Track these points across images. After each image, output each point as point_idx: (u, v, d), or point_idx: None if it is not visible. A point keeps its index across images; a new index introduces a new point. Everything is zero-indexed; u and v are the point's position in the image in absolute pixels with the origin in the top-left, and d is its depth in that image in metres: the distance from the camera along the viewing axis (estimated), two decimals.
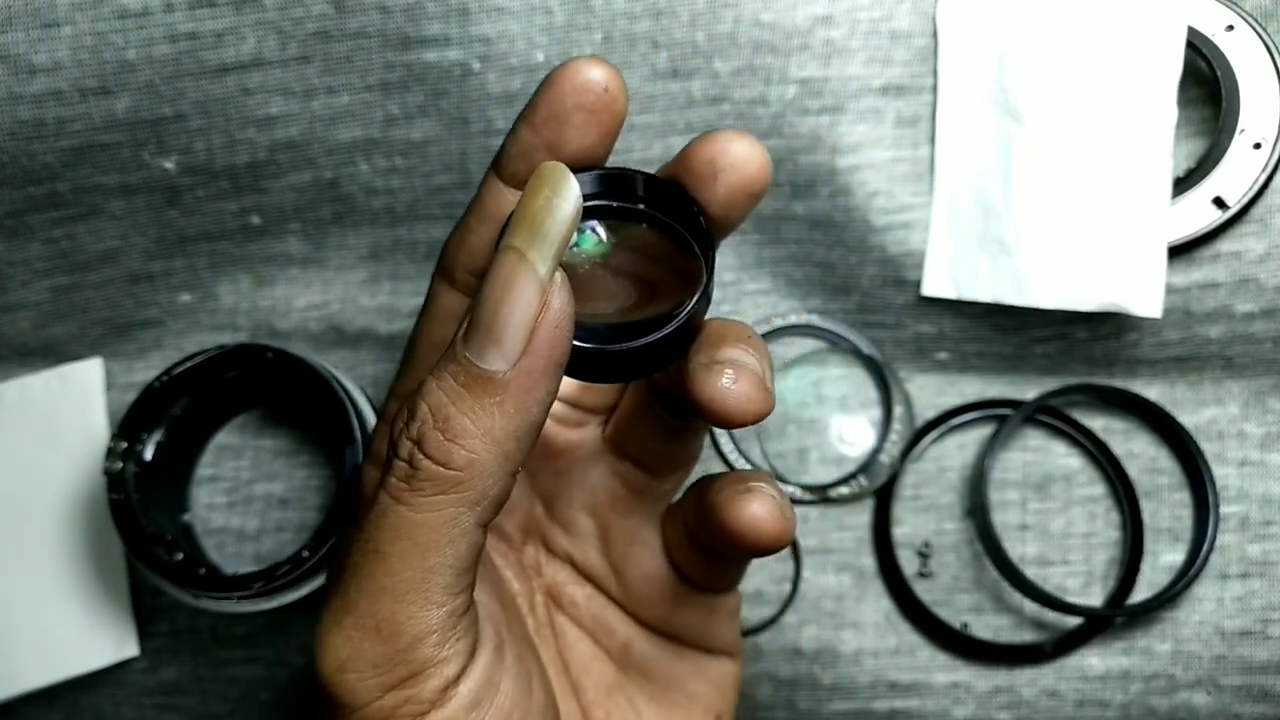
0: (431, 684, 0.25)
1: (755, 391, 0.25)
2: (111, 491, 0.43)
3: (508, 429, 0.24)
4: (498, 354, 0.23)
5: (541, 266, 0.23)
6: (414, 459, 0.24)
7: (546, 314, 0.23)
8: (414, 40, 0.44)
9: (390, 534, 0.24)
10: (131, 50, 0.43)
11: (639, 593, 0.32)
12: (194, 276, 0.49)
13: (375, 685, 0.25)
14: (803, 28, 0.45)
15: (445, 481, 0.24)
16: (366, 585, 0.25)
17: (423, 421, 0.24)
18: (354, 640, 0.25)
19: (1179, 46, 0.43)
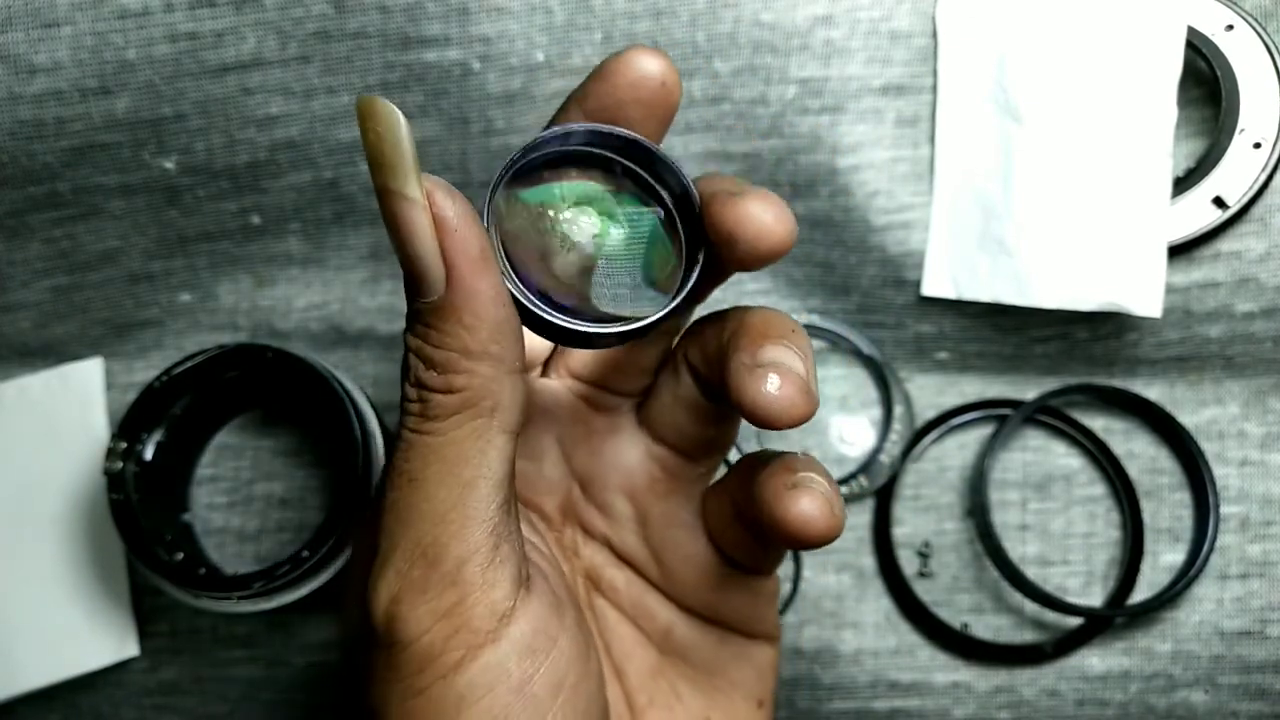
0: (480, 611, 0.26)
1: (799, 396, 0.25)
2: (111, 491, 0.43)
3: (480, 338, 0.25)
4: (429, 285, 0.24)
5: (409, 189, 0.24)
6: (422, 397, 0.25)
7: (443, 226, 0.24)
8: (414, 40, 0.44)
9: (421, 461, 0.25)
10: (131, 50, 0.43)
11: (680, 576, 0.32)
12: (194, 276, 0.49)
13: (426, 613, 0.25)
14: (803, 28, 0.45)
15: (455, 404, 0.25)
16: (407, 515, 0.26)
17: (415, 368, 0.25)
18: (402, 571, 0.26)
19: (1179, 46, 0.43)
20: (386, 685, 0.26)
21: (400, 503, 0.26)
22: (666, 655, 0.33)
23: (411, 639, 0.26)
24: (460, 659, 0.26)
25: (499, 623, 0.26)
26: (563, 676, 0.27)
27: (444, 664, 0.26)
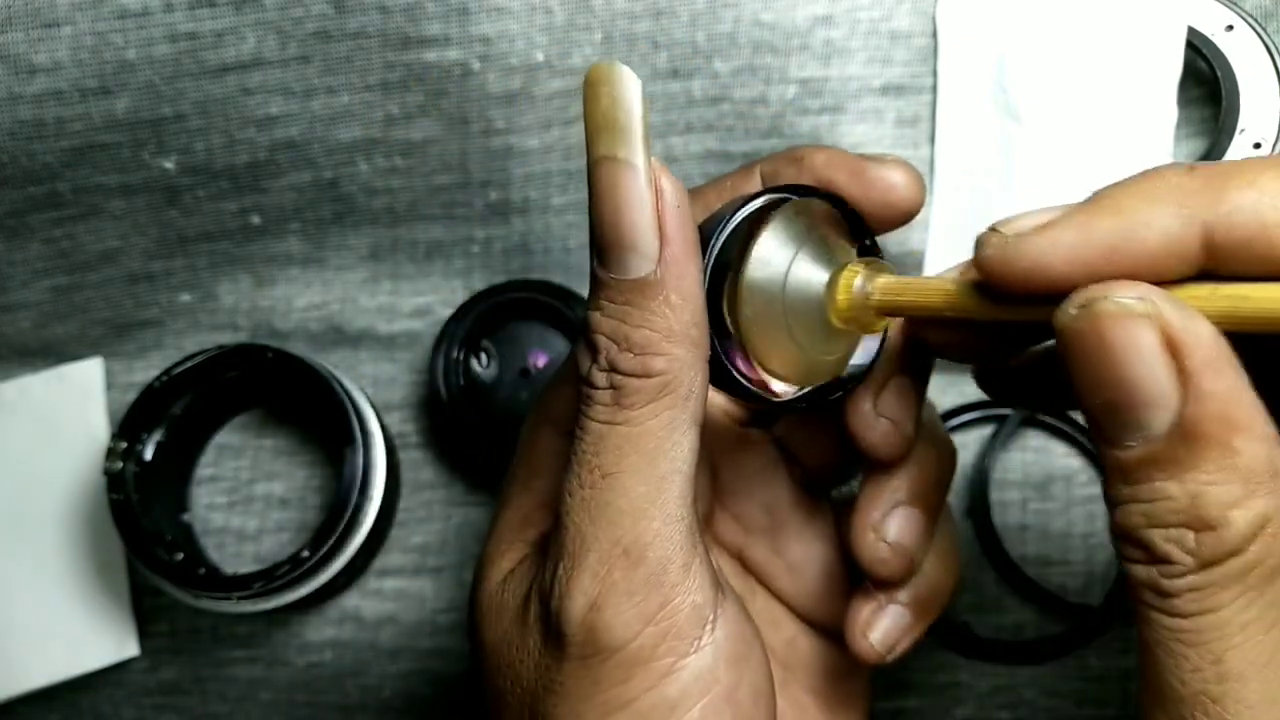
0: (687, 614, 0.24)
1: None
2: (111, 491, 0.43)
3: (684, 319, 0.24)
4: (639, 259, 0.23)
5: (636, 158, 0.23)
6: (615, 383, 0.24)
7: (664, 200, 0.23)
8: (414, 40, 0.44)
9: (615, 454, 0.24)
10: (131, 50, 0.43)
11: (810, 589, 0.32)
12: (194, 276, 0.49)
13: (634, 617, 0.24)
14: (803, 28, 0.45)
15: (653, 389, 0.24)
16: (602, 514, 0.24)
17: (606, 350, 0.24)
18: (600, 575, 0.24)
19: (1179, 46, 0.43)
20: (581, 701, 0.24)
21: (592, 501, 0.24)
22: (789, 668, 0.33)
23: (619, 645, 0.24)
24: (671, 666, 0.24)
25: (704, 629, 0.25)
26: (760, 687, 0.26)
27: (654, 672, 0.24)
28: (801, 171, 0.27)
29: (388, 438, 0.46)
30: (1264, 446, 0.19)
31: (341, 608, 0.48)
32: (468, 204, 0.48)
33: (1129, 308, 0.19)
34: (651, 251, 0.23)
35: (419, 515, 0.48)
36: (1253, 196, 0.19)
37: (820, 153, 0.27)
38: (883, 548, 0.27)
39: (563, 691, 0.25)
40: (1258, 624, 0.19)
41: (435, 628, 0.48)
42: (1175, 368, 0.19)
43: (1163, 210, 0.19)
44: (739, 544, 0.33)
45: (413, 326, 0.49)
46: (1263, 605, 0.19)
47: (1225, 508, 0.18)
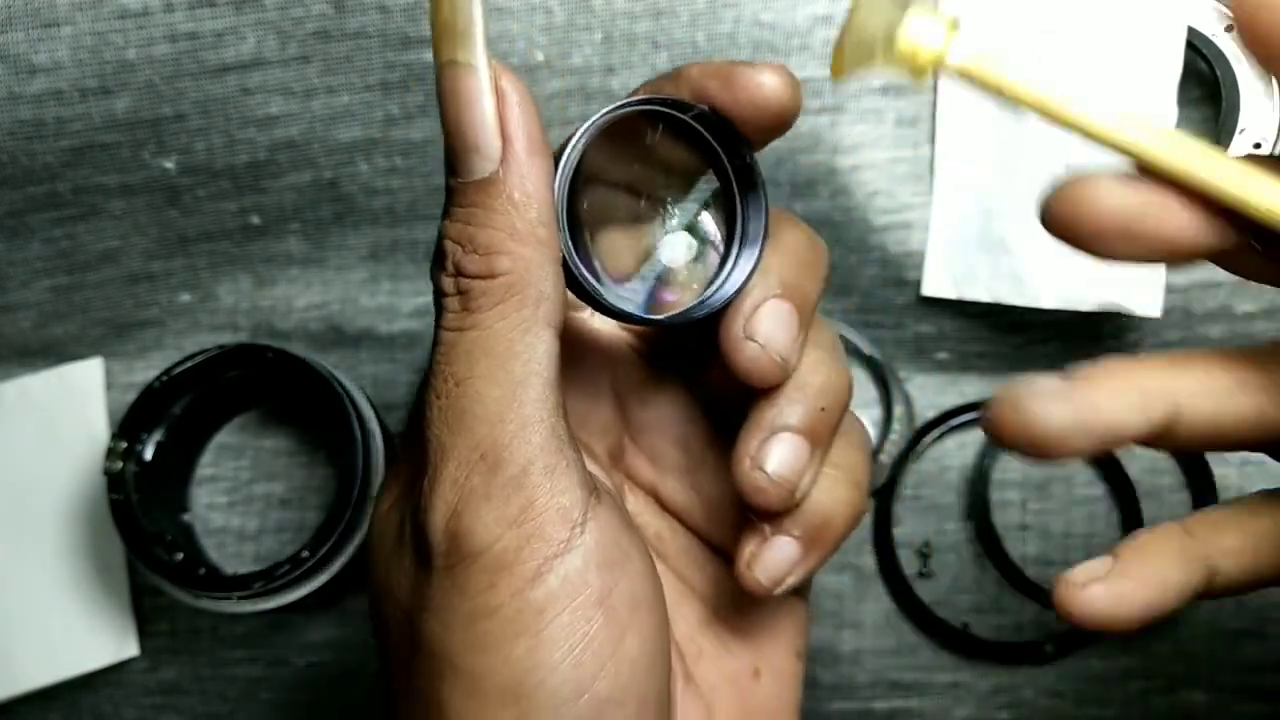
0: (551, 517, 0.24)
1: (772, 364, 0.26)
2: (111, 491, 0.43)
3: (529, 217, 0.24)
4: (481, 159, 0.23)
5: (475, 60, 0.23)
6: (462, 287, 0.24)
7: (505, 101, 0.23)
8: (414, 40, 0.44)
9: (466, 360, 0.24)
10: (131, 50, 0.43)
11: (729, 527, 0.31)
12: (194, 276, 0.49)
13: (494, 521, 0.24)
14: (803, 27, 0.45)
15: (499, 290, 0.24)
16: (457, 421, 0.24)
17: (452, 254, 0.24)
18: (459, 480, 0.24)
19: (1179, 46, 0.43)
20: (449, 612, 0.24)
21: (448, 409, 0.24)
22: (713, 608, 0.32)
23: (480, 549, 0.24)
24: (536, 570, 0.24)
25: (571, 531, 0.24)
26: (639, 595, 0.25)
27: (519, 576, 0.24)
28: (679, 85, 0.26)
29: (388, 438, 0.46)
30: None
31: (342, 608, 0.48)
32: None
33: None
34: (493, 151, 0.23)
35: None
36: None
37: (695, 66, 0.26)
38: (760, 476, 0.26)
39: (432, 606, 0.24)
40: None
41: None
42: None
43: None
44: (653, 481, 0.32)
45: (413, 326, 0.49)
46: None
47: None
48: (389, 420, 0.49)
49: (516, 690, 0.24)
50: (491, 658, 0.24)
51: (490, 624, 0.24)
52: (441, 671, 0.24)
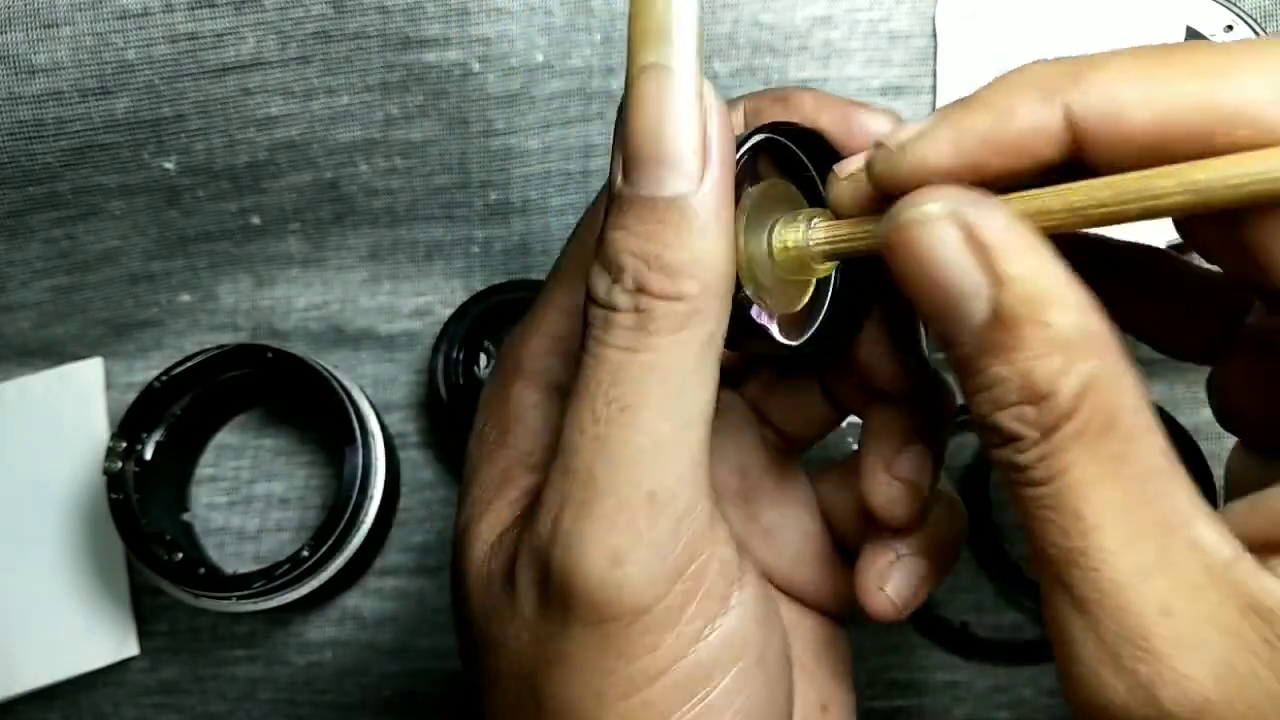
0: (715, 570, 0.22)
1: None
2: (111, 491, 0.43)
3: (719, 249, 0.21)
4: (677, 176, 0.21)
5: (687, 69, 0.21)
6: (641, 305, 0.21)
7: (712, 118, 0.21)
8: (414, 41, 0.44)
9: (638, 386, 0.21)
10: (131, 51, 0.43)
11: (788, 556, 0.30)
12: (194, 276, 0.49)
13: (661, 574, 0.21)
14: (802, 29, 0.45)
15: (682, 316, 0.21)
16: (619, 453, 0.21)
17: (633, 269, 0.21)
18: (620, 523, 0.21)
19: None
20: (599, 675, 0.21)
21: (608, 439, 0.21)
22: None
23: (645, 606, 0.21)
24: (700, 630, 0.21)
25: (731, 587, 0.22)
26: (782, 647, 0.24)
27: (685, 637, 0.21)
28: (789, 111, 0.25)
29: (388, 438, 0.46)
30: (1075, 314, 0.19)
31: (342, 607, 0.48)
32: (468, 204, 0.48)
33: (928, 213, 0.20)
34: (693, 170, 0.21)
35: (419, 515, 0.48)
36: (1105, 76, 0.19)
37: (808, 96, 0.25)
38: (896, 486, 0.25)
39: (571, 664, 0.22)
40: (1104, 476, 0.20)
41: (435, 627, 0.48)
42: (982, 260, 0.20)
43: (1026, 97, 0.20)
44: None
45: (413, 326, 0.49)
46: (1104, 458, 0.20)
47: (1052, 378, 0.19)
48: (389, 420, 0.49)
49: None
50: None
51: (652, 691, 0.21)
52: None
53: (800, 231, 0.24)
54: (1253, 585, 0.20)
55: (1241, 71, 0.19)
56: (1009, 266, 0.19)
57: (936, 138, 0.21)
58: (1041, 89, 0.20)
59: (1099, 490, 0.20)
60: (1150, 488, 0.20)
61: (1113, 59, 0.20)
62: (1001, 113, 0.20)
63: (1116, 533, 0.20)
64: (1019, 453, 0.20)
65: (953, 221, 0.20)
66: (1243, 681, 0.20)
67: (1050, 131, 0.20)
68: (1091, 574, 0.20)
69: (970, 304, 0.20)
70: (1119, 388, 0.20)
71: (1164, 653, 0.20)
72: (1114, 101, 0.19)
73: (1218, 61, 0.19)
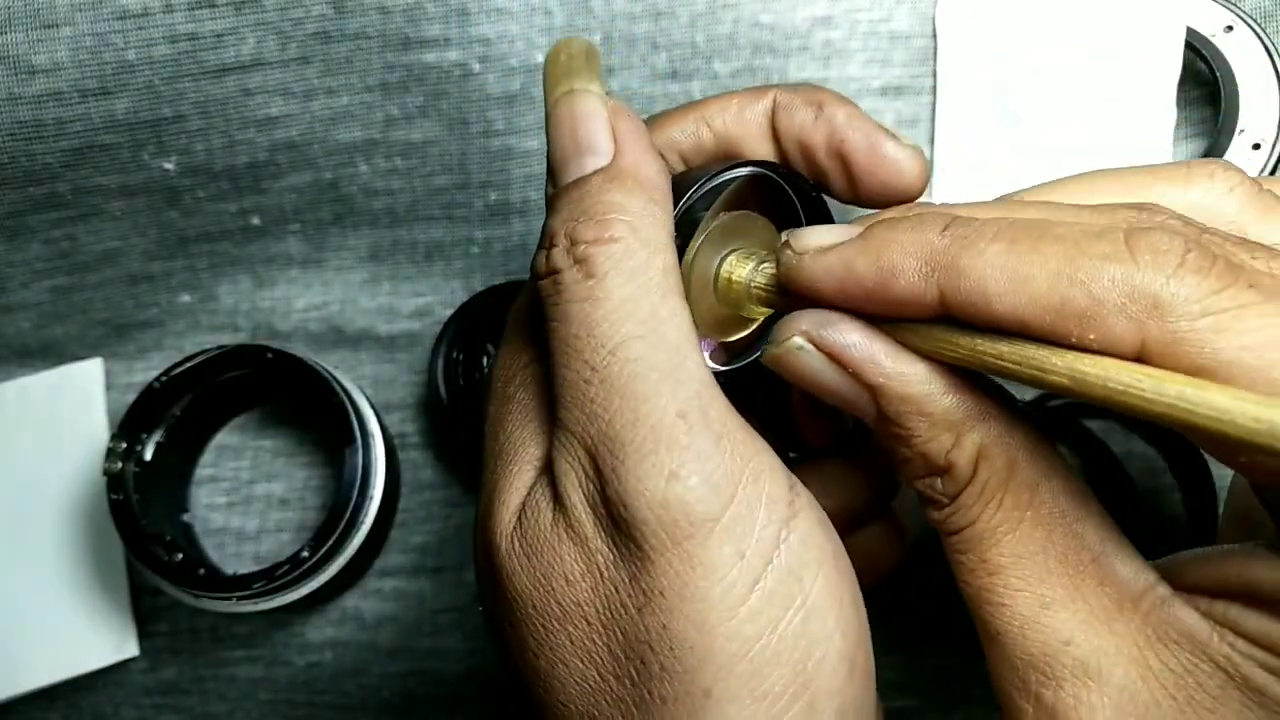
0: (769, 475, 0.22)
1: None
2: (111, 491, 0.43)
3: (641, 196, 0.23)
4: (594, 157, 0.24)
5: (593, 87, 0.25)
6: (578, 255, 0.23)
7: (618, 115, 0.24)
8: (414, 41, 0.44)
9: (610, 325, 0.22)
10: (131, 51, 0.43)
11: None
12: (194, 277, 0.49)
13: (722, 478, 0.21)
14: (802, 29, 0.45)
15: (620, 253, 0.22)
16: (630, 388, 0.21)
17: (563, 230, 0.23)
18: (662, 446, 0.21)
19: (1178, 47, 0.43)
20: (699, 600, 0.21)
21: (611, 380, 0.21)
22: None
23: (716, 512, 0.21)
24: (777, 534, 0.21)
25: (792, 491, 0.22)
26: (842, 550, 0.24)
27: (765, 541, 0.21)
28: (819, 121, 0.26)
29: (388, 438, 0.46)
30: (949, 399, 0.22)
31: (341, 608, 0.48)
32: (467, 205, 0.48)
33: (791, 345, 0.23)
34: (606, 148, 0.24)
35: (419, 515, 0.48)
36: (978, 267, 0.21)
37: (841, 111, 0.26)
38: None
39: (663, 600, 0.21)
40: (1007, 524, 0.23)
41: (435, 628, 0.48)
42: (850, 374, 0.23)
43: (912, 265, 0.21)
44: None
45: (412, 327, 0.49)
46: (1007, 509, 0.23)
47: (946, 454, 0.22)
48: (389, 420, 0.49)
49: (801, 674, 0.21)
50: (766, 641, 0.21)
51: (752, 603, 0.21)
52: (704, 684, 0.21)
53: (747, 269, 0.25)
54: (1161, 616, 0.22)
55: (1096, 276, 0.20)
56: (874, 377, 0.22)
57: (829, 269, 0.23)
58: (924, 264, 0.21)
59: (1004, 537, 0.23)
60: (1055, 529, 0.23)
61: (990, 244, 0.21)
62: (888, 273, 0.22)
63: (1021, 572, 0.23)
64: (936, 510, 0.23)
65: (813, 346, 0.23)
66: (1144, 708, 0.21)
67: (924, 303, 0.22)
68: (1001, 609, 0.23)
69: (859, 405, 0.23)
70: (1009, 445, 0.23)
71: (1064, 679, 0.22)
72: (982, 295, 0.21)
73: (1077, 260, 0.20)
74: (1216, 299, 0.19)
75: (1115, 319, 0.20)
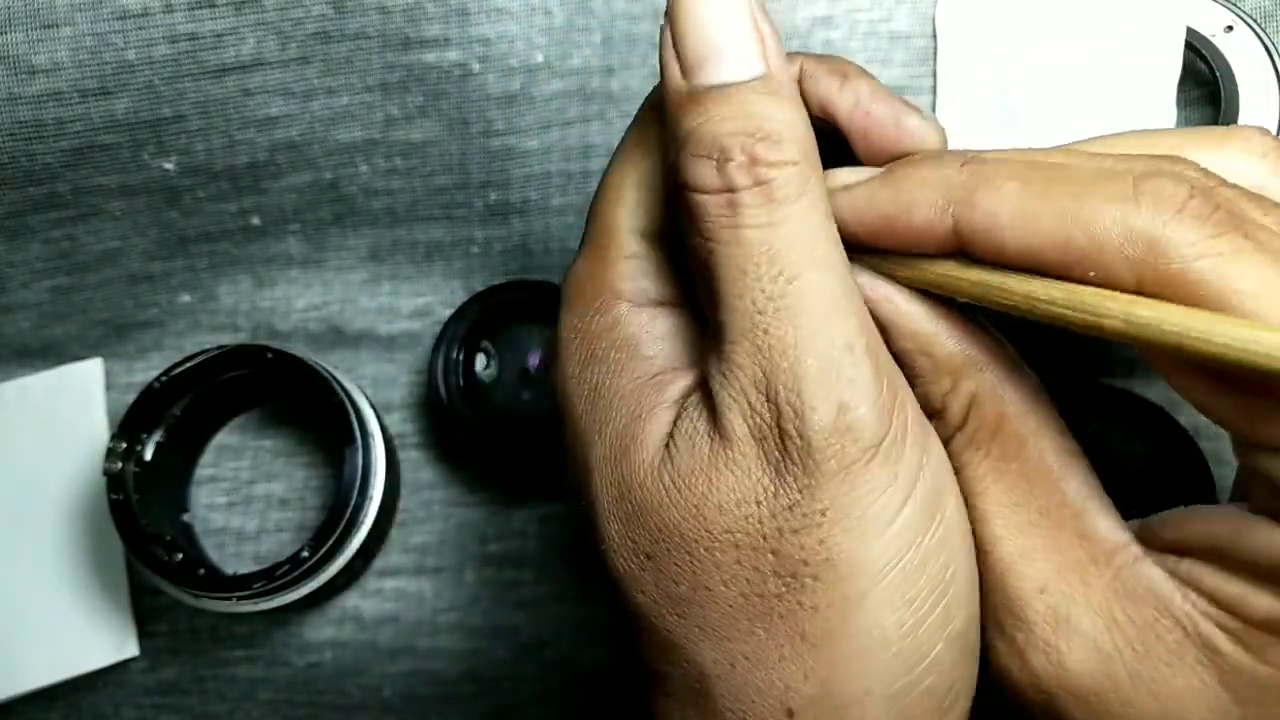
0: (910, 404, 0.23)
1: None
2: (111, 491, 0.43)
3: (804, 119, 0.23)
4: (748, 62, 0.23)
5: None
6: (759, 176, 0.22)
7: (763, 11, 0.23)
8: (414, 41, 0.44)
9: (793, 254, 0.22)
10: (131, 51, 0.43)
11: None
12: (194, 277, 0.49)
13: (883, 408, 0.22)
14: (802, 29, 0.45)
15: (799, 181, 0.22)
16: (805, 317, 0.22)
17: (739, 146, 0.22)
18: (833, 377, 0.22)
19: (1178, 47, 0.43)
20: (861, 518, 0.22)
21: (786, 308, 0.22)
22: None
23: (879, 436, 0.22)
24: (921, 458, 0.23)
25: (924, 417, 0.24)
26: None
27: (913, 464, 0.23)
28: (844, 90, 0.26)
29: (388, 438, 0.46)
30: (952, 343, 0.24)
31: (341, 608, 0.48)
32: (467, 205, 0.48)
33: None
34: (758, 54, 0.23)
35: (419, 515, 0.48)
36: (991, 200, 0.22)
37: (865, 84, 0.26)
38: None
39: (828, 519, 0.22)
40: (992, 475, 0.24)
41: (435, 628, 0.48)
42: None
43: (929, 197, 0.23)
44: None
45: (413, 327, 0.49)
46: (993, 459, 0.24)
47: (943, 398, 0.24)
48: (389, 420, 0.49)
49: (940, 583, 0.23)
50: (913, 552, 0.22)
51: (904, 516, 0.22)
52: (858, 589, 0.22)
53: None
54: (1131, 572, 0.24)
55: (1098, 216, 0.21)
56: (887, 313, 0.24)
57: (851, 203, 0.24)
58: (941, 196, 0.23)
59: (988, 487, 0.24)
60: (1039, 484, 0.24)
61: (1005, 181, 0.22)
62: (906, 205, 0.23)
63: (1003, 523, 0.24)
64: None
65: None
66: (1106, 657, 0.23)
67: (938, 234, 0.23)
68: (984, 555, 0.24)
69: None
70: (1001, 398, 0.24)
71: (1035, 624, 0.24)
72: (994, 226, 0.22)
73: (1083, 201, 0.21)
74: (1212, 243, 0.20)
75: (1113, 258, 0.21)
